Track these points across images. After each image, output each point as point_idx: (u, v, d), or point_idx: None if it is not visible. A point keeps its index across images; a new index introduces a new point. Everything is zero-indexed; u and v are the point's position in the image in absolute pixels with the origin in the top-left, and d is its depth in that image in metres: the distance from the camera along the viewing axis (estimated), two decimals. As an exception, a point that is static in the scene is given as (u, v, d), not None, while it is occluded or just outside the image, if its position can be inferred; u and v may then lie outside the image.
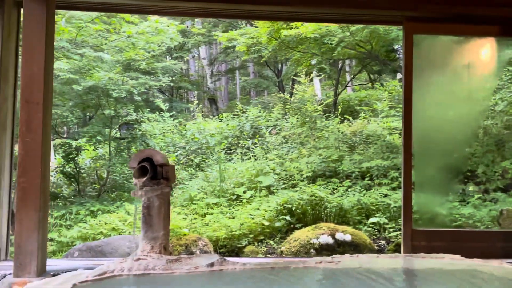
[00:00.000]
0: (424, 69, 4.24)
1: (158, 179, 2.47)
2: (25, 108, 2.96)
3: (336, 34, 7.55)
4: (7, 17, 3.40)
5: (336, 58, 10.30)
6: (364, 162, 8.51)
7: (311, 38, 7.87)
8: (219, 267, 2.38)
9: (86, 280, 2.14)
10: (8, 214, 3.46)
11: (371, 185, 7.59)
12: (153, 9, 4.00)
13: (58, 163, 8.94)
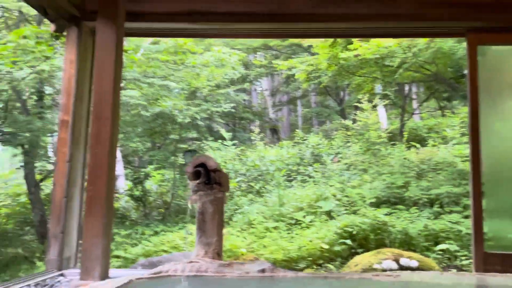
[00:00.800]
0: (492, 84, 3.97)
1: (211, 184, 2.53)
2: (95, 122, 3.23)
3: (397, 55, 7.38)
4: (83, 44, 3.78)
5: (399, 82, 10.01)
6: (432, 189, 8.04)
7: (371, 61, 7.76)
8: (270, 274, 2.35)
9: (142, 277, 2.21)
10: (78, 225, 3.71)
11: (440, 212, 7.11)
12: (212, 33, 4.24)
13: (128, 188, 9.51)
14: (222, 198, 2.67)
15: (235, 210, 8.67)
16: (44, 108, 7.43)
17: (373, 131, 11.32)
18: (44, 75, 6.05)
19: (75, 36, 3.83)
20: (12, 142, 7.59)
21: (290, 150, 12.90)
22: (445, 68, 8.72)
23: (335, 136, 14.41)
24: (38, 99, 7.67)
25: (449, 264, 5.14)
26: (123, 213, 8.80)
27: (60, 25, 3.96)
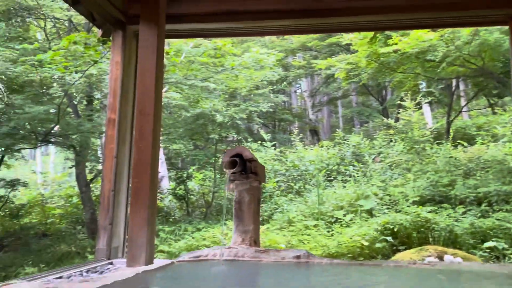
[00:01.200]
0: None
1: (247, 174, 2.62)
2: (139, 118, 3.42)
3: (439, 49, 7.15)
4: (128, 46, 4.02)
5: (443, 77, 9.67)
6: (480, 187, 7.72)
7: (412, 56, 7.57)
8: (305, 260, 2.40)
9: (183, 260, 2.33)
10: (126, 216, 3.93)
11: (488, 210, 6.81)
12: (249, 31, 4.34)
13: (171, 188, 9.86)
14: (258, 187, 2.75)
15: (274, 209, 8.73)
16: (93, 111, 7.86)
17: (416, 129, 11.01)
18: (93, 79, 6.43)
19: (120, 39, 4.07)
20: (65, 144, 8.10)
21: (330, 151, 12.79)
22: (492, 62, 8.33)
23: (377, 136, 14.14)
24: (88, 102, 8.13)
25: (497, 262, 4.93)
26: (167, 211, 9.12)
27: (107, 30, 4.23)
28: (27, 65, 5.78)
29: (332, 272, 2.12)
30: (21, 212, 9.71)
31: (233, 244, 2.68)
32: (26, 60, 5.74)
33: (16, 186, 9.13)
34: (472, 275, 2.06)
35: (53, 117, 6.76)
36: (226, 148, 10.29)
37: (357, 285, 1.91)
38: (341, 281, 1.96)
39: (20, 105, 6.16)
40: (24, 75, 5.95)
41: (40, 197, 11.40)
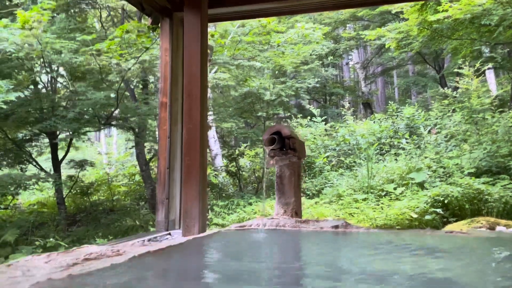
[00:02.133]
0: None
1: (286, 150, 2.79)
2: (187, 101, 3.68)
3: (495, 13, 6.71)
4: (175, 33, 4.26)
5: (502, 42, 9.05)
6: (545, 156, 7.31)
7: (466, 22, 7.18)
8: (343, 229, 2.55)
9: (230, 229, 2.58)
10: (180, 192, 4.27)
11: (552, 181, 6.46)
12: (292, 9, 4.41)
13: (224, 165, 10.27)
14: (298, 163, 2.91)
15: (324, 184, 8.84)
16: (149, 94, 8.33)
17: (475, 98, 10.47)
18: (146, 64, 6.83)
19: (167, 26, 4.33)
20: (125, 126, 8.70)
21: (383, 123, 12.52)
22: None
23: (433, 106, 13.59)
24: (143, 86, 8.63)
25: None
26: (221, 187, 9.55)
27: (155, 18, 4.50)
28: (87, 55, 6.29)
29: (365, 239, 2.27)
30: (90, 190, 10.58)
31: (275, 215, 2.88)
32: (86, 50, 6.24)
33: (84, 166, 9.90)
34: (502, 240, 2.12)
35: (113, 102, 7.29)
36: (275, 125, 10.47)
37: (384, 247, 2.05)
38: (367, 245, 2.11)
39: (83, 92, 6.73)
40: (85, 63, 6.47)
41: (106, 176, 12.30)
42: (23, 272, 1.46)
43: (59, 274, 1.45)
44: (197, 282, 1.59)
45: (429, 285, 1.37)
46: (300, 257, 2.01)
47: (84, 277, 1.44)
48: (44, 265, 1.58)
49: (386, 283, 1.36)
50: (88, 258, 1.69)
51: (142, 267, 1.69)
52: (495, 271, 1.45)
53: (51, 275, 1.42)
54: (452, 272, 1.51)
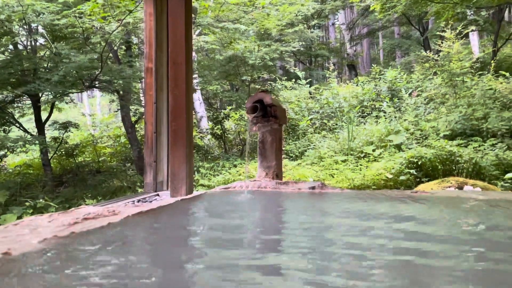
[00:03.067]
0: None
1: (268, 117, 2.96)
2: (172, 68, 3.77)
3: (477, -23, 6.77)
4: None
5: (484, 6, 9.16)
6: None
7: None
8: (319, 190, 2.78)
9: (215, 191, 2.79)
10: (167, 154, 4.44)
11: (520, 143, 6.83)
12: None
13: (210, 127, 10.42)
14: (279, 129, 3.10)
15: (307, 146, 9.11)
16: (132, 57, 8.28)
17: (455, 61, 10.68)
18: (130, 27, 6.77)
19: (151, -10, 4.31)
20: (109, 89, 8.69)
21: (366, 86, 12.72)
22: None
23: (415, 69, 13.81)
24: (127, 48, 8.55)
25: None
26: (206, 149, 9.75)
27: (138, -18, 4.47)
28: (69, 18, 6.19)
29: (338, 199, 2.51)
30: (75, 152, 10.64)
31: (258, 177, 3.10)
32: (68, 13, 6.14)
33: (68, 127, 9.90)
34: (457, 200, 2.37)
35: (97, 64, 7.25)
36: (259, 88, 10.57)
37: (354, 207, 2.29)
38: (341, 204, 2.35)
39: (66, 55, 6.68)
40: (67, 25, 6.37)
41: (91, 137, 12.33)
42: (30, 230, 1.65)
43: (63, 232, 1.64)
44: (186, 234, 1.81)
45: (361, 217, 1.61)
46: (276, 214, 2.26)
47: (86, 234, 1.63)
48: (48, 224, 1.77)
49: (310, 231, 1.66)
50: (87, 218, 1.88)
51: (137, 225, 1.89)
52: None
53: (56, 233, 1.61)
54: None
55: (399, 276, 1.20)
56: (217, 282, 1.13)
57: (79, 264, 1.26)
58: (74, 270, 1.20)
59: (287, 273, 1.21)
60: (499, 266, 1.27)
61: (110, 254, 1.40)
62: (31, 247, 1.40)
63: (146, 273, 1.23)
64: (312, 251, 1.45)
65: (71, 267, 1.23)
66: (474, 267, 1.25)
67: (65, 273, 1.18)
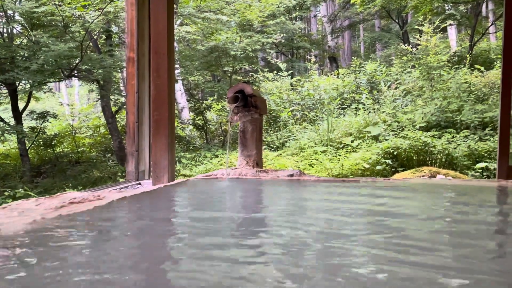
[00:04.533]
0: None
1: (249, 107, 3.05)
2: (154, 58, 3.81)
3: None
4: (141, -13, 4.27)
5: (460, 1, 9.42)
6: (488, 112, 7.97)
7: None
8: (297, 178, 2.90)
9: (197, 178, 2.87)
10: (149, 144, 4.49)
11: (492, 135, 7.13)
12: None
13: (191, 118, 10.43)
14: (259, 118, 3.19)
15: (288, 137, 9.25)
16: (113, 46, 8.21)
17: (432, 55, 10.97)
18: (110, 16, 6.71)
19: (133, -20, 4.32)
20: (89, 78, 8.60)
21: (346, 79, 12.93)
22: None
23: (394, 62, 14.07)
24: (107, 37, 8.46)
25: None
26: (188, 140, 9.78)
27: (120, -29, 4.47)
28: (49, 6, 6.10)
29: (315, 186, 2.63)
30: (54, 142, 10.50)
31: (238, 166, 3.19)
32: (47, 1, 6.05)
33: (46, 117, 9.76)
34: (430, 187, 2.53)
35: (76, 53, 7.18)
36: (241, 80, 10.63)
37: (327, 194, 2.42)
38: (316, 191, 2.48)
39: (46, 43, 6.58)
40: (46, 13, 6.27)
41: (70, 127, 12.18)
42: (18, 213, 1.71)
43: (51, 214, 1.70)
44: (169, 215, 1.90)
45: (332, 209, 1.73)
46: (256, 198, 2.38)
47: (73, 216, 1.70)
48: (35, 207, 1.83)
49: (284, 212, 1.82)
50: (73, 202, 1.94)
51: (122, 208, 1.97)
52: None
53: (44, 215, 1.68)
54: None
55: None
56: (198, 251, 1.23)
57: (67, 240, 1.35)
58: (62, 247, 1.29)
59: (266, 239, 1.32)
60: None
61: (96, 235, 1.49)
62: (21, 228, 1.47)
63: (129, 245, 1.33)
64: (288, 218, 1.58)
65: (62, 243, 1.31)
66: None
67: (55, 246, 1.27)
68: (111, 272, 1.08)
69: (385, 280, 1.02)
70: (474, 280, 1.01)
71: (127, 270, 1.11)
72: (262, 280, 1.00)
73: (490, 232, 1.60)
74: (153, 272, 1.08)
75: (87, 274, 1.06)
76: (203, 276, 1.03)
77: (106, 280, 1.02)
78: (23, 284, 0.99)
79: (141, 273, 1.08)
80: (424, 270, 1.08)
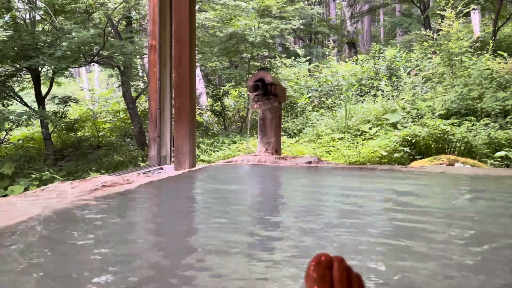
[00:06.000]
0: None
1: (268, 95, 3.12)
2: (176, 46, 3.90)
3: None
4: (163, -24, 4.35)
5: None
6: (510, 99, 7.82)
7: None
8: (315, 164, 2.98)
9: (218, 164, 2.98)
10: (171, 130, 4.62)
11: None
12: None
13: (209, 104, 10.54)
14: (279, 106, 3.26)
15: (305, 124, 9.28)
16: (133, 33, 8.32)
17: (454, 40, 10.75)
18: (132, 3, 6.80)
19: (155, -32, 4.39)
20: (110, 64, 8.76)
21: (365, 65, 12.79)
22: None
23: (415, 48, 13.84)
24: (127, 24, 8.58)
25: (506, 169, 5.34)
26: (206, 126, 9.91)
27: (142, -41, 4.54)
28: (72, -7, 6.23)
29: (332, 173, 2.71)
30: (75, 126, 10.76)
31: (258, 152, 3.28)
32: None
33: (68, 102, 9.99)
34: (451, 177, 2.57)
35: (99, 40, 7.32)
36: (259, 66, 10.65)
37: (346, 181, 2.49)
38: (333, 178, 2.55)
39: (69, 30, 6.73)
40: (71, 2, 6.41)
41: (90, 112, 12.43)
42: (57, 195, 1.84)
43: (86, 196, 1.83)
44: (194, 196, 2.02)
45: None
46: (274, 183, 2.47)
47: (106, 198, 1.83)
48: (71, 190, 1.96)
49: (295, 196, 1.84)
50: (105, 185, 2.07)
51: (151, 191, 2.09)
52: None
53: (80, 197, 1.81)
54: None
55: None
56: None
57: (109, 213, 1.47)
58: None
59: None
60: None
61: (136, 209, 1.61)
62: (63, 206, 1.60)
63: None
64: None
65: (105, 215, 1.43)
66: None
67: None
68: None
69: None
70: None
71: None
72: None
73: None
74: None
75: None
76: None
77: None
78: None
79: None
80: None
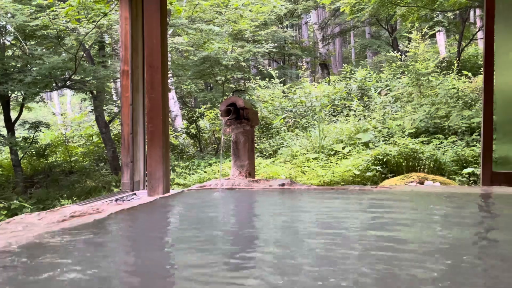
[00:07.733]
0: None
1: (241, 119, 3.16)
2: (149, 71, 3.91)
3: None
4: (135, 2, 4.39)
5: (446, 9, 9.66)
6: (475, 117, 8.16)
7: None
8: (289, 187, 3.01)
9: (192, 189, 2.97)
10: (144, 155, 4.58)
11: (478, 140, 7.31)
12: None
13: (185, 126, 10.52)
14: (251, 130, 3.30)
15: (281, 144, 9.37)
16: (106, 57, 8.29)
17: (420, 61, 11.19)
18: (104, 28, 6.81)
19: (126, -5, 4.43)
20: (83, 89, 8.67)
21: (337, 86, 13.12)
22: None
23: (384, 69, 14.32)
24: (100, 48, 8.54)
25: (473, 186, 5.53)
26: (181, 148, 9.86)
27: (114, -14, 4.58)
28: (44, 19, 6.18)
29: (305, 195, 2.74)
30: (46, 152, 10.50)
31: (231, 176, 3.30)
32: (42, 15, 6.12)
33: (39, 127, 9.75)
34: (411, 195, 2.65)
35: (70, 65, 7.25)
36: (234, 87, 10.77)
37: (316, 204, 2.53)
38: (303, 199, 2.59)
39: (40, 56, 6.65)
40: (40, 26, 6.35)
41: (62, 137, 12.18)
42: (23, 227, 1.80)
43: (54, 228, 1.80)
44: (166, 229, 2.00)
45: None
46: (248, 209, 2.48)
47: (75, 230, 1.80)
48: (38, 221, 1.92)
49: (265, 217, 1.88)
50: (73, 215, 2.03)
51: (121, 221, 2.06)
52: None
53: (47, 229, 1.77)
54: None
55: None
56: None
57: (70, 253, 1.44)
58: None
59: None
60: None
61: (98, 245, 1.58)
62: (28, 241, 1.56)
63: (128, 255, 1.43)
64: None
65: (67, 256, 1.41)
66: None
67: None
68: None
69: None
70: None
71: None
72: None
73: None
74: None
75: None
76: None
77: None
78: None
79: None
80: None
